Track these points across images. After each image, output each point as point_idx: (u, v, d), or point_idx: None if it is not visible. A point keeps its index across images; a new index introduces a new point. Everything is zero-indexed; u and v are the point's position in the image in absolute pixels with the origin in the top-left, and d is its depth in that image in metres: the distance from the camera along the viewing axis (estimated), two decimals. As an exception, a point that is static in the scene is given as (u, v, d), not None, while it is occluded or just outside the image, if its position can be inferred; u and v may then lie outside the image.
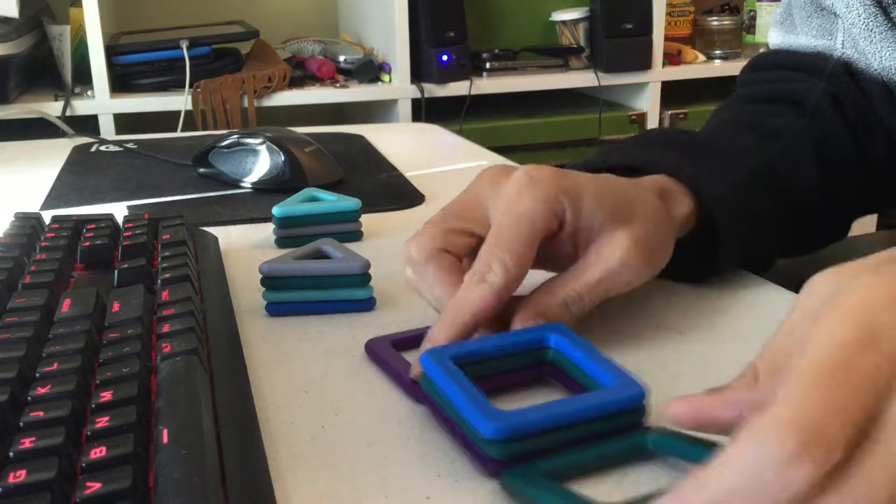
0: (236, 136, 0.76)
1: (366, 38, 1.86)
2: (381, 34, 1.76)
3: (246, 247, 0.60)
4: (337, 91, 1.68)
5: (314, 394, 0.39)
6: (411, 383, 0.38)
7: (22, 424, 0.30)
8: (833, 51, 0.57)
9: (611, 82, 1.85)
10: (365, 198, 0.62)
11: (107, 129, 1.54)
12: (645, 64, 1.87)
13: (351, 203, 0.61)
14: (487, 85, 1.76)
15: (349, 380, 0.40)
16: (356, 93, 1.69)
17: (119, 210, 0.68)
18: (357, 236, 0.61)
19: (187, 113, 1.53)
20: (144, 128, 1.17)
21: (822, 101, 0.56)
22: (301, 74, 1.69)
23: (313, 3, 2.03)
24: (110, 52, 1.54)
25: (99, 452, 0.28)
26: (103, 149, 0.92)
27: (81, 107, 1.52)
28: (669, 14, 1.95)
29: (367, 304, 0.48)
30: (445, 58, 1.70)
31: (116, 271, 0.46)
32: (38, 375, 0.33)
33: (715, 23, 2.05)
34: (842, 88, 0.56)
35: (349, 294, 0.48)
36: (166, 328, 0.38)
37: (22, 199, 0.73)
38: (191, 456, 0.28)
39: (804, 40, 0.60)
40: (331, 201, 0.61)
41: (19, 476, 0.26)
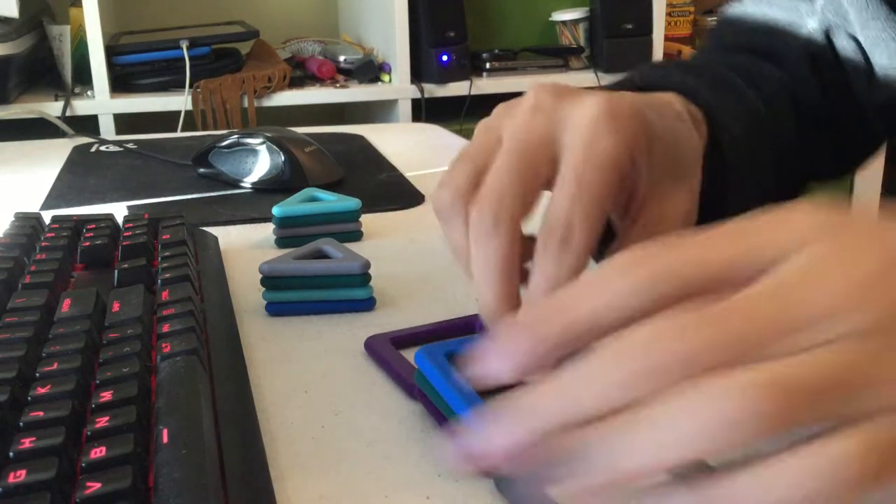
0: (236, 136, 0.76)
1: (366, 38, 1.86)
2: (381, 34, 1.76)
3: (246, 247, 0.60)
4: (337, 91, 1.68)
5: (314, 394, 0.39)
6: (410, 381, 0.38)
7: (22, 424, 0.30)
8: (813, 14, 0.58)
9: (611, 82, 1.85)
10: (365, 198, 0.62)
11: (107, 129, 1.54)
12: (645, 64, 1.87)
13: (351, 203, 0.61)
14: (487, 85, 1.76)
15: (349, 379, 0.40)
16: (356, 93, 1.69)
17: (119, 210, 0.68)
18: (357, 236, 0.61)
19: (187, 113, 1.53)
20: (144, 128, 1.17)
21: (800, 58, 0.56)
22: (301, 74, 1.69)
23: (313, 3, 2.03)
24: (110, 52, 1.54)
25: (99, 452, 0.28)
26: (103, 149, 0.92)
27: (81, 107, 1.52)
28: (669, 14, 1.95)
29: (367, 304, 0.48)
30: (445, 58, 1.71)
31: (116, 271, 0.46)
32: (38, 375, 0.33)
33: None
34: (818, 50, 0.57)
35: (349, 294, 0.48)
36: (166, 328, 0.38)
37: (22, 199, 0.73)
38: (191, 456, 0.28)
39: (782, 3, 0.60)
40: (331, 201, 0.62)
41: (19, 476, 0.26)
